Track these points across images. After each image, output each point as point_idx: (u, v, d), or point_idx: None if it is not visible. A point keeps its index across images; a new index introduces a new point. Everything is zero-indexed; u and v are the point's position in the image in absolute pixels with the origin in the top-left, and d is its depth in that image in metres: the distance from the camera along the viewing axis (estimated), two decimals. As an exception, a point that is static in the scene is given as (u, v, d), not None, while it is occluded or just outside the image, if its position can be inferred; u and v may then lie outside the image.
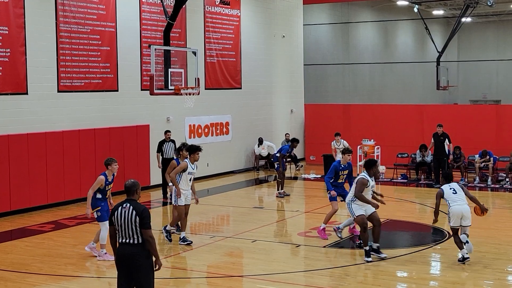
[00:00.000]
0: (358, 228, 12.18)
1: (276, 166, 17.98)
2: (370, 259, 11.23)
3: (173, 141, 17.95)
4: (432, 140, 19.94)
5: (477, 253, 11.77)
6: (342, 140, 21.04)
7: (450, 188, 11.12)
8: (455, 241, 11.09)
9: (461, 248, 11.04)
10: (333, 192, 12.97)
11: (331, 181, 13.06)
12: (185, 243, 12.57)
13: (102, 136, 17.65)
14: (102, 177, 11.57)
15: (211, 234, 13.56)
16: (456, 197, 11.00)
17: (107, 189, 11.65)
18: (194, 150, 12.43)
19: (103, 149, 17.58)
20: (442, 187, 11.25)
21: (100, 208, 11.55)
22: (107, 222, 10.45)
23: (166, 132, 18.02)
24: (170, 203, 12.86)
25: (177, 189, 12.39)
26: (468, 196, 11.19)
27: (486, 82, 45.56)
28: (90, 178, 17.20)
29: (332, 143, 21.20)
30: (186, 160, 12.54)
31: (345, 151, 13.27)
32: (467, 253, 11.02)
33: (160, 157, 17.81)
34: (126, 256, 7.42)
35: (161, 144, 17.89)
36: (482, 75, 45.60)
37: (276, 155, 18.16)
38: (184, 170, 12.41)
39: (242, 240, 13.06)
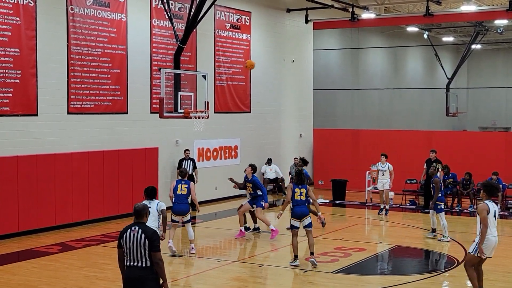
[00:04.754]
0: None
1: None
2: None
3: (192, 160, 19.74)
4: (425, 166, 19.93)
5: (486, 281, 11.65)
6: (387, 163, 19.21)
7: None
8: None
9: None
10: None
11: None
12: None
13: (111, 158, 17.68)
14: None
15: (218, 258, 13.50)
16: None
17: None
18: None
19: (111, 171, 17.61)
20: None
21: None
22: None
23: (185, 150, 19.59)
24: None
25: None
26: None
27: (496, 109, 45.46)
28: (98, 200, 17.27)
29: (377, 164, 19.53)
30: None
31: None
32: None
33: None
34: (134, 279, 7.40)
35: (180, 161, 19.53)
36: (492, 102, 45.53)
37: None
38: None
39: (249, 265, 12.99)
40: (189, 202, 13.98)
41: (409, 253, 14.53)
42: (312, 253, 12.62)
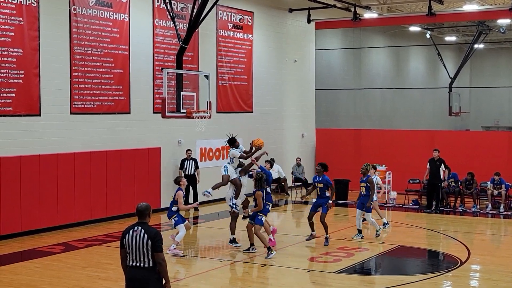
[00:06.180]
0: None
1: None
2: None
3: (195, 160, 19.82)
4: (428, 166, 19.93)
5: (490, 281, 11.64)
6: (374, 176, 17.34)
7: None
8: None
9: None
10: None
11: None
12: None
13: (113, 158, 17.69)
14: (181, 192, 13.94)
15: (221, 258, 13.50)
16: None
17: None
18: None
19: (114, 171, 17.62)
20: None
21: (176, 215, 13.81)
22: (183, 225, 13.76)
23: (187, 150, 19.73)
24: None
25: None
26: None
27: (499, 108, 45.44)
28: (101, 200, 17.29)
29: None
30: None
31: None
32: None
33: (182, 174, 19.25)
34: (136, 279, 7.39)
35: (183, 161, 19.63)
36: (494, 101, 45.51)
37: None
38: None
39: (252, 265, 12.99)
40: (174, 207, 13.91)
41: (412, 253, 14.51)
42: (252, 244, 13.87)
